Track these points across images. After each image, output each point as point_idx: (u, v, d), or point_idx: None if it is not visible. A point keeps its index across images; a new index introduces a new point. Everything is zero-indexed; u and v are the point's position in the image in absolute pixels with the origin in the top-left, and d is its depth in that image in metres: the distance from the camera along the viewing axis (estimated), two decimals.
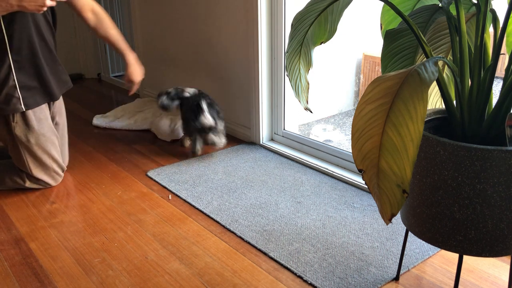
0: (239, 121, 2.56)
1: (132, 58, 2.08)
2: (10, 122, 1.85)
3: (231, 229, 1.66)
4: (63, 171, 2.04)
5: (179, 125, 2.51)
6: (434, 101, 1.36)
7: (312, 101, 1.39)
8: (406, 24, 1.10)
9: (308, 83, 1.34)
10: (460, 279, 1.38)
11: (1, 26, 1.73)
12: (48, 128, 1.91)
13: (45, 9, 1.62)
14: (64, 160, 2.15)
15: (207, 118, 2.21)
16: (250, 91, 2.41)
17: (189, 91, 2.36)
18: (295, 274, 1.42)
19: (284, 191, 1.94)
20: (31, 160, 1.90)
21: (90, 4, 2.04)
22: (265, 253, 1.52)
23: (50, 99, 1.93)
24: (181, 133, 2.51)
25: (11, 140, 1.88)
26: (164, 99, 2.33)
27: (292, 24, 1.30)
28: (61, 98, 2.09)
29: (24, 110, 1.82)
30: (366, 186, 1.26)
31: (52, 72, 1.93)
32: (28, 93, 1.83)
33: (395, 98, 0.89)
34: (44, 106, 1.92)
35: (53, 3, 1.64)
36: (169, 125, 2.66)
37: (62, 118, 2.10)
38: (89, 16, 2.03)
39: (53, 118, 2.04)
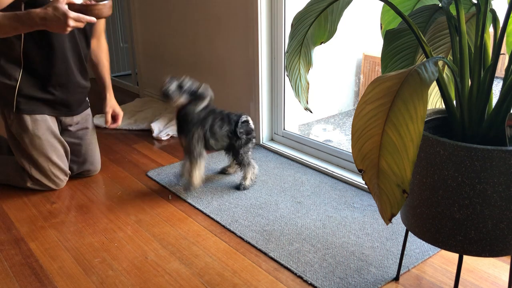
0: None
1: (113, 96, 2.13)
2: (6, 119, 1.85)
3: (231, 229, 1.66)
4: (66, 176, 1.99)
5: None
6: (434, 101, 1.36)
7: (312, 101, 1.39)
8: (406, 24, 1.10)
9: (308, 83, 1.34)
10: (460, 279, 1.38)
11: (21, 38, 1.74)
12: (44, 131, 1.88)
13: (69, 29, 1.53)
14: (95, 165, 2.10)
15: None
16: (250, 91, 2.41)
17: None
18: (295, 274, 1.42)
19: (284, 191, 1.93)
20: (28, 160, 1.89)
21: (101, 30, 2.06)
22: (265, 253, 1.52)
23: (47, 113, 1.90)
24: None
25: (10, 137, 1.89)
26: (173, 86, 1.80)
27: (292, 24, 1.30)
28: (85, 111, 2.09)
29: (14, 111, 1.82)
30: (366, 186, 1.26)
31: (61, 98, 1.91)
32: (24, 100, 1.82)
33: (395, 98, 0.89)
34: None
35: (79, 25, 1.54)
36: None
37: (88, 123, 2.08)
38: (94, 41, 2.06)
39: (67, 125, 2.02)
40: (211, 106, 1.89)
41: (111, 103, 2.12)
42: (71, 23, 1.50)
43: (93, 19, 1.54)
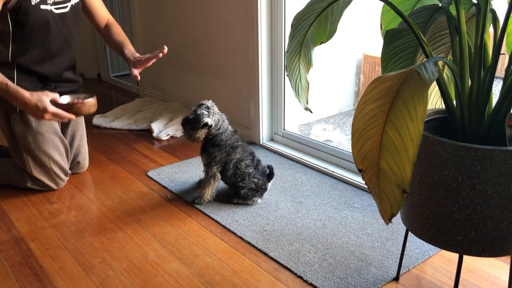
0: (239, 121, 2.56)
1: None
2: (9, 117, 1.86)
3: (231, 229, 1.66)
4: (66, 175, 2.01)
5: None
6: (434, 101, 1.36)
7: (312, 101, 1.39)
8: (406, 24, 1.10)
9: (308, 83, 1.34)
10: (460, 279, 1.38)
11: (9, 28, 1.74)
12: (47, 128, 1.90)
13: (41, 120, 1.69)
14: (84, 162, 2.15)
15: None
16: (250, 91, 2.41)
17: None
18: (295, 274, 1.42)
19: (284, 191, 1.93)
20: (30, 159, 1.89)
21: (102, 18, 2.05)
22: (265, 253, 1.52)
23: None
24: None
25: (12, 137, 1.89)
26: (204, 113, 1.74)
27: (292, 24, 1.30)
28: None
29: (18, 111, 1.83)
30: (366, 186, 1.26)
31: (58, 80, 1.95)
32: None
33: (395, 98, 0.89)
34: None
35: (56, 119, 1.68)
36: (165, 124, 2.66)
37: (76, 119, 2.09)
38: (103, 29, 2.06)
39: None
40: (240, 135, 1.85)
41: (133, 62, 1.93)
42: (47, 117, 1.66)
43: (71, 116, 1.70)
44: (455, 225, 1.06)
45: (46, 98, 1.64)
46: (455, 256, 1.48)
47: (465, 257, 1.46)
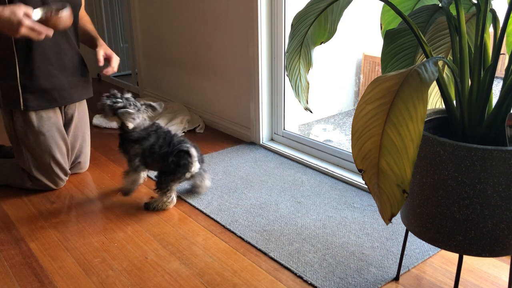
0: (239, 121, 2.56)
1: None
2: (13, 117, 1.86)
3: (231, 229, 1.66)
4: (66, 175, 2.01)
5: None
6: (434, 101, 1.36)
7: (312, 101, 1.40)
8: (406, 24, 1.10)
9: (308, 83, 1.34)
10: (460, 279, 1.38)
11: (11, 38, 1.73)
12: (49, 128, 1.89)
13: (18, 36, 1.53)
14: (85, 162, 2.15)
15: (195, 166, 1.81)
16: (250, 91, 2.41)
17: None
18: (295, 274, 1.42)
19: (284, 191, 1.93)
20: (31, 158, 1.89)
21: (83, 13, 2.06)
22: (265, 253, 1.52)
23: (56, 104, 1.92)
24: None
25: (15, 135, 1.89)
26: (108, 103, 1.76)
27: (292, 24, 1.30)
28: (84, 101, 2.11)
29: (22, 109, 1.83)
30: (366, 186, 1.26)
31: (64, 80, 1.93)
32: (31, 96, 1.83)
33: (395, 98, 0.89)
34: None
35: (33, 35, 1.53)
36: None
37: (81, 119, 2.10)
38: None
39: (71, 118, 2.04)
40: (157, 125, 1.84)
41: (103, 47, 2.03)
42: (23, 31, 1.50)
43: (49, 31, 1.56)
44: (455, 225, 1.06)
45: (19, 10, 1.48)
46: (455, 256, 1.48)
47: (465, 257, 1.46)
